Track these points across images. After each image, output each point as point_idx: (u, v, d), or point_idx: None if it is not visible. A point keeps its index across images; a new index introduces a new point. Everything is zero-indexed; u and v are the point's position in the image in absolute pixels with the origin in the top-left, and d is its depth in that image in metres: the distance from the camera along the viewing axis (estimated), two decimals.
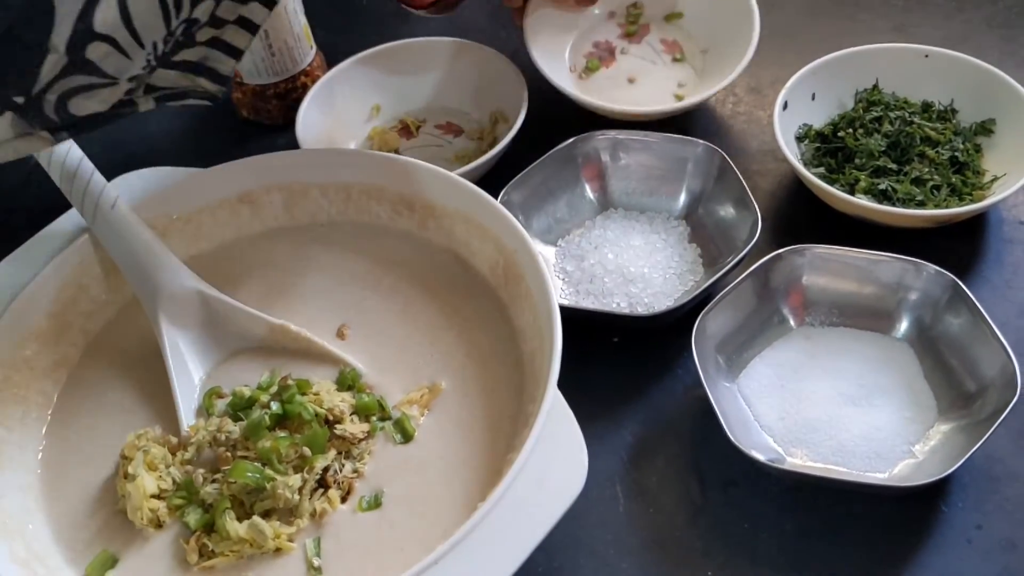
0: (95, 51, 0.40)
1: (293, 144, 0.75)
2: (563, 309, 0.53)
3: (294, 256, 0.66)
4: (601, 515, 0.56)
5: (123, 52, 0.40)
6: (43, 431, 0.59)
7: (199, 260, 0.65)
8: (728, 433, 0.53)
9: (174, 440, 0.57)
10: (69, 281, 0.62)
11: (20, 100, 0.40)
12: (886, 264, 0.60)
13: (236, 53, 0.45)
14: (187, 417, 0.58)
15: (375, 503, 0.54)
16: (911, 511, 0.54)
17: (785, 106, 0.70)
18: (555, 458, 0.51)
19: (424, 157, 0.69)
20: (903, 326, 0.60)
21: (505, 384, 0.57)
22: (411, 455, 0.55)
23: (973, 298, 0.56)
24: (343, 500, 0.54)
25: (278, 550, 0.53)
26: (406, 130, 0.80)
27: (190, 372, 0.60)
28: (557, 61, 0.76)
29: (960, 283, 0.57)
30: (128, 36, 0.40)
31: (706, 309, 0.58)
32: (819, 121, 0.72)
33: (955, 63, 0.70)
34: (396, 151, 0.78)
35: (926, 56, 0.71)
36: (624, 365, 0.63)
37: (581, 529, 0.55)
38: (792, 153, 0.67)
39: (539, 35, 0.77)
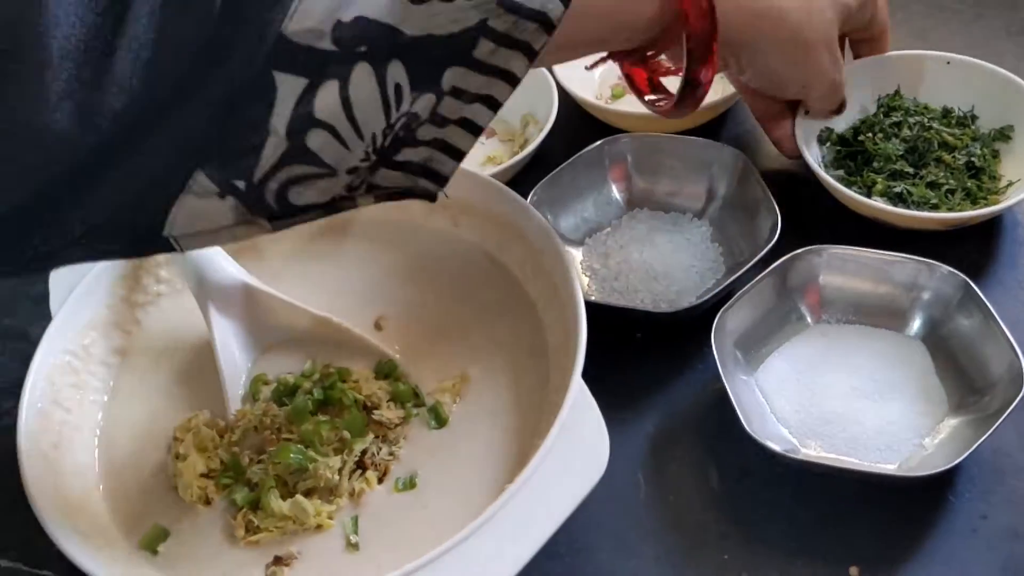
0: (315, 139, 0.38)
1: None
2: (589, 305, 0.56)
3: (334, 251, 0.69)
4: (623, 500, 0.58)
5: (342, 142, 0.39)
6: (100, 414, 0.62)
7: (245, 255, 0.67)
8: (745, 425, 0.55)
9: (222, 423, 0.60)
10: (125, 273, 0.65)
11: (241, 185, 0.39)
12: (900, 265, 0.62)
13: (459, 155, 0.43)
14: (234, 402, 0.61)
15: (410, 484, 0.56)
16: (920, 501, 0.56)
17: (807, 111, 0.72)
18: (578, 445, 0.53)
19: None
20: (916, 324, 0.62)
21: (532, 374, 0.59)
22: (444, 439, 0.58)
23: (983, 298, 0.58)
24: (380, 481, 0.57)
25: (319, 527, 0.55)
26: None
27: (237, 360, 0.63)
28: (584, 92, 0.79)
29: (971, 283, 0.59)
30: (348, 125, 0.39)
31: (726, 306, 0.61)
32: (841, 125, 0.74)
33: (976, 70, 0.72)
34: None
35: (948, 63, 0.73)
36: (647, 359, 0.65)
37: (603, 513, 0.57)
38: (813, 156, 0.69)
39: (567, 71, 0.79)
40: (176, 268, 0.65)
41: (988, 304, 0.58)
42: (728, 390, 0.57)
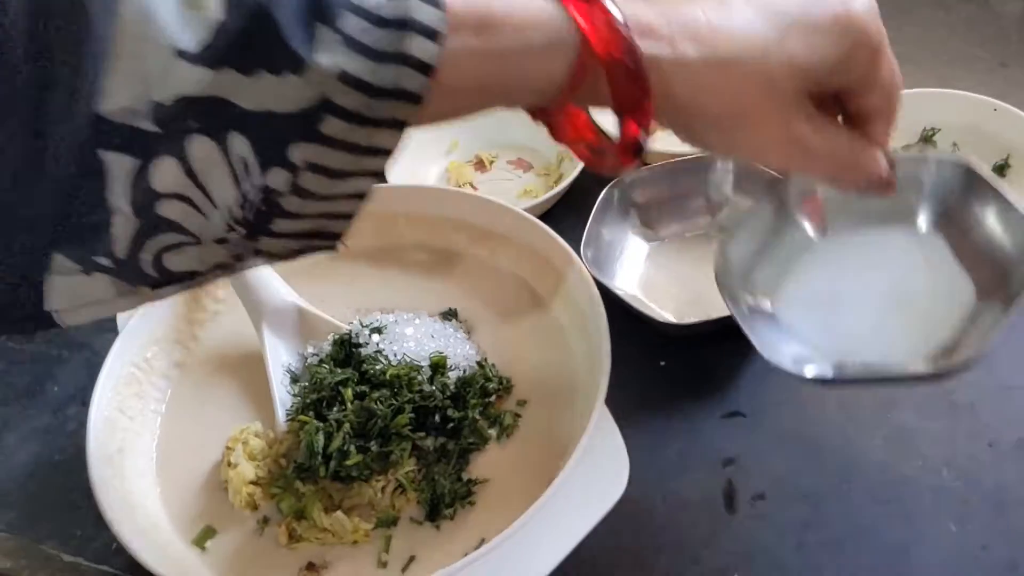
0: (171, 210, 0.37)
1: None
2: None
3: (379, 274, 0.73)
4: (642, 518, 0.61)
5: (200, 211, 0.38)
6: (158, 422, 0.66)
7: (296, 276, 0.70)
8: (767, 356, 0.52)
9: (271, 435, 0.63)
10: (185, 293, 0.70)
11: (106, 262, 0.38)
12: (898, 161, 0.53)
13: (349, 217, 0.41)
14: (283, 416, 0.64)
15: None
16: (924, 531, 0.59)
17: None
18: (600, 467, 0.56)
19: (495, 190, 0.76)
20: (925, 218, 0.57)
21: (561, 399, 0.63)
22: (480, 459, 0.62)
23: (986, 177, 0.54)
24: (418, 501, 0.60)
25: (355, 542, 0.59)
26: (480, 164, 0.87)
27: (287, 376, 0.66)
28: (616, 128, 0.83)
29: (972, 166, 0.54)
30: (201, 195, 0.37)
31: (723, 239, 0.57)
32: None
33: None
34: (470, 183, 0.85)
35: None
36: (670, 389, 0.68)
37: (624, 529, 0.60)
38: None
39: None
40: (233, 289, 0.69)
41: (991, 182, 0.53)
42: (741, 325, 0.54)
